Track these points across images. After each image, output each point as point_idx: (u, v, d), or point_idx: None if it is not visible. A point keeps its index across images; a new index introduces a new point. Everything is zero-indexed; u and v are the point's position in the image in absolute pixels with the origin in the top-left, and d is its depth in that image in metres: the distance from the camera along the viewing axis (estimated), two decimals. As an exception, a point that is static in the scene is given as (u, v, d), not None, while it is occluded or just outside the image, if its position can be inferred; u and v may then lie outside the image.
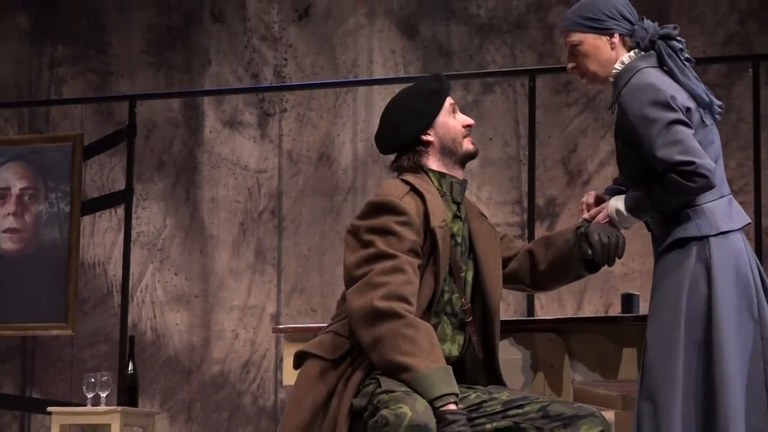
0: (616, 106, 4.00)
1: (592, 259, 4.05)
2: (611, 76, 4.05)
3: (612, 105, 4.04)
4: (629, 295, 4.72)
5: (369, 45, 8.24)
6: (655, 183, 3.88)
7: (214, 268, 8.29)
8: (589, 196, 4.19)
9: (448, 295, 4.02)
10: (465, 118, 4.17)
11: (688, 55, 4.08)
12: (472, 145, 4.16)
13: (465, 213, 4.13)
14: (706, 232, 3.88)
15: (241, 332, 8.19)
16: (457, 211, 4.10)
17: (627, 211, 3.98)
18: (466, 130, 4.15)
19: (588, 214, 4.13)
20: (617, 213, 4.01)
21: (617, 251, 4.02)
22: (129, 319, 7.85)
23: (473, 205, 4.22)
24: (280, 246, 8.23)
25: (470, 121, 4.18)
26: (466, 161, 4.16)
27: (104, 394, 7.07)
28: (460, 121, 4.15)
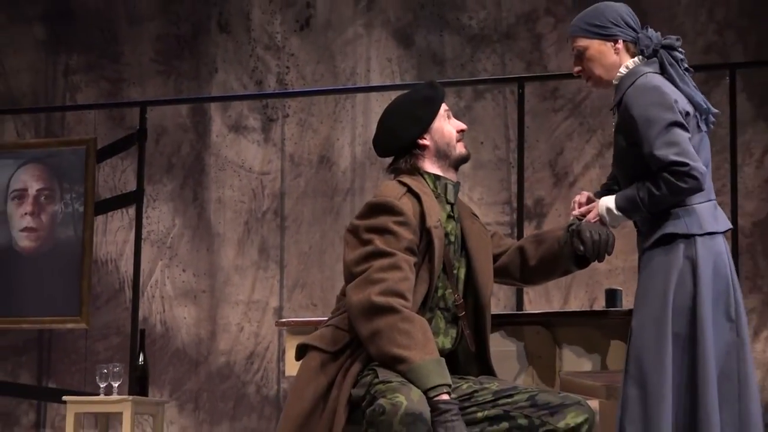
0: (618, 107, 3.99)
1: (583, 254, 4.05)
2: (615, 79, 4.05)
3: (615, 106, 4.03)
4: (613, 290, 4.72)
5: (367, 54, 8.24)
6: (648, 181, 3.88)
7: (220, 265, 8.29)
8: (582, 196, 4.19)
9: (441, 291, 4.02)
10: (459, 124, 4.17)
11: (687, 65, 4.09)
12: (465, 149, 4.17)
13: (458, 213, 4.14)
14: (694, 231, 3.88)
15: (246, 325, 8.19)
16: (450, 211, 4.10)
17: (617, 209, 3.97)
18: (460, 135, 4.16)
19: (578, 212, 4.13)
20: (608, 211, 4.00)
21: (607, 248, 4.02)
22: (140, 313, 7.84)
23: (466, 206, 4.22)
24: (283, 244, 8.23)
25: (463, 127, 4.19)
26: (460, 164, 4.17)
27: (116, 384, 7.08)
28: (454, 126, 4.15)
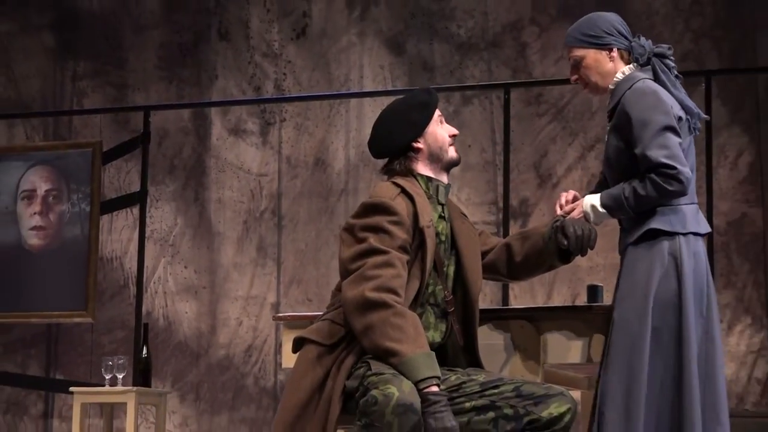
0: (614, 110, 3.98)
1: (567, 249, 4.04)
2: (612, 84, 4.04)
3: (611, 109, 4.02)
4: (594, 286, 4.71)
5: (360, 61, 8.24)
6: (634, 182, 3.87)
7: (220, 262, 8.29)
8: (568, 194, 4.18)
9: (432, 288, 4.02)
10: (451, 129, 4.17)
11: (678, 72, 4.09)
12: (456, 153, 4.17)
13: (449, 213, 4.14)
14: (678, 230, 3.88)
15: (245, 320, 8.19)
16: (442, 211, 4.10)
17: (602, 207, 3.96)
18: (452, 140, 4.16)
19: (563, 210, 4.12)
20: (592, 209, 3.99)
21: (590, 242, 4.01)
22: (143, 307, 7.84)
23: (456, 206, 4.22)
24: (280, 242, 8.23)
25: (456, 132, 4.19)
26: (451, 167, 4.17)
27: (121, 376, 7.06)
28: (447, 131, 4.15)
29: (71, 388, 7.19)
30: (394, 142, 4.11)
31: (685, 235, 3.88)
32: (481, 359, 4.11)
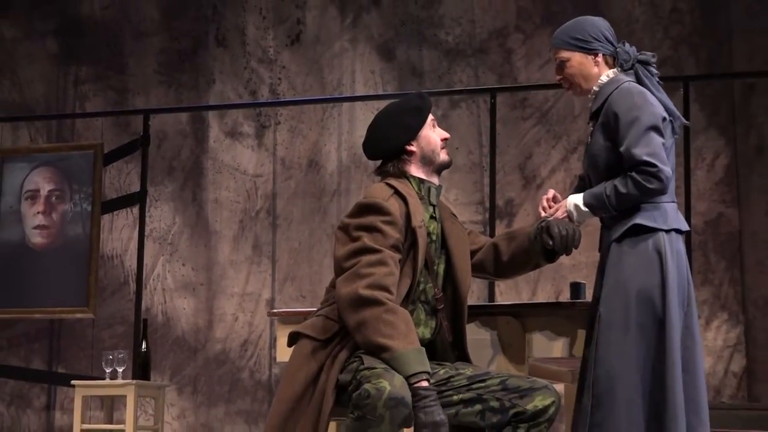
0: (599, 110, 3.96)
1: (552, 249, 4.03)
2: (596, 87, 4.02)
3: (596, 110, 4.00)
4: (577, 283, 4.71)
5: (352, 66, 8.24)
6: (615, 180, 3.86)
7: (217, 260, 8.28)
8: (548, 194, 4.16)
9: (423, 285, 4.01)
10: (443, 133, 4.16)
11: (659, 79, 4.07)
12: (447, 156, 4.16)
13: (439, 214, 4.13)
14: (661, 226, 3.86)
15: (240, 315, 8.18)
16: (433, 212, 4.10)
17: (584, 206, 3.95)
18: (444, 143, 4.14)
19: (548, 212, 4.10)
20: (575, 207, 3.98)
21: (574, 242, 4.01)
22: (142, 304, 7.83)
23: (446, 207, 4.21)
24: (275, 241, 8.22)
25: (447, 135, 4.17)
26: (443, 170, 4.15)
27: (121, 370, 7.06)
28: (439, 134, 4.14)
29: (73, 382, 7.18)
30: (388, 145, 4.10)
31: (668, 232, 3.88)
32: (469, 354, 4.11)
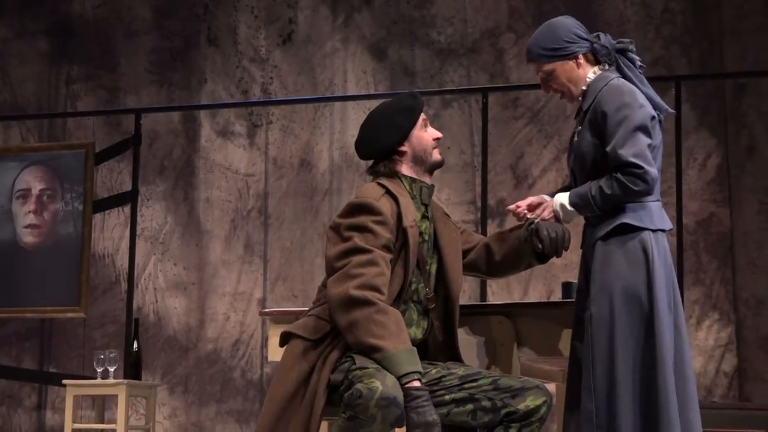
0: (588, 109, 3.92)
1: (542, 251, 4.03)
2: (584, 86, 3.97)
3: (585, 110, 3.94)
4: (568, 283, 4.71)
5: (344, 66, 8.23)
6: (601, 181, 3.83)
7: (209, 259, 8.27)
8: (527, 199, 4.14)
9: (414, 285, 4.00)
10: (435, 132, 4.14)
11: (641, 63, 4.02)
12: (440, 156, 4.14)
13: (432, 213, 4.12)
14: (647, 225, 3.84)
15: (232, 315, 8.18)
16: (425, 212, 4.09)
17: (570, 205, 3.92)
18: (436, 143, 4.13)
19: (534, 213, 4.07)
20: (561, 207, 3.96)
21: (564, 244, 4.00)
22: (134, 303, 7.82)
23: (439, 206, 4.20)
24: (266, 240, 8.21)
25: (439, 135, 4.15)
26: (435, 169, 4.14)
27: (112, 369, 7.04)
28: (431, 134, 4.12)
29: (64, 381, 7.16)
30: (380, 145, 4.08)
31: (654, 231, 3.87)
32: (461, 354, 4.10)
